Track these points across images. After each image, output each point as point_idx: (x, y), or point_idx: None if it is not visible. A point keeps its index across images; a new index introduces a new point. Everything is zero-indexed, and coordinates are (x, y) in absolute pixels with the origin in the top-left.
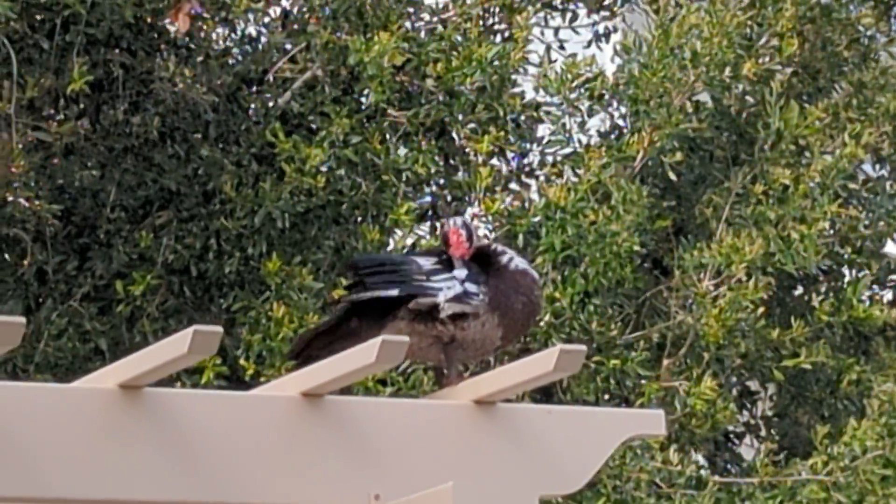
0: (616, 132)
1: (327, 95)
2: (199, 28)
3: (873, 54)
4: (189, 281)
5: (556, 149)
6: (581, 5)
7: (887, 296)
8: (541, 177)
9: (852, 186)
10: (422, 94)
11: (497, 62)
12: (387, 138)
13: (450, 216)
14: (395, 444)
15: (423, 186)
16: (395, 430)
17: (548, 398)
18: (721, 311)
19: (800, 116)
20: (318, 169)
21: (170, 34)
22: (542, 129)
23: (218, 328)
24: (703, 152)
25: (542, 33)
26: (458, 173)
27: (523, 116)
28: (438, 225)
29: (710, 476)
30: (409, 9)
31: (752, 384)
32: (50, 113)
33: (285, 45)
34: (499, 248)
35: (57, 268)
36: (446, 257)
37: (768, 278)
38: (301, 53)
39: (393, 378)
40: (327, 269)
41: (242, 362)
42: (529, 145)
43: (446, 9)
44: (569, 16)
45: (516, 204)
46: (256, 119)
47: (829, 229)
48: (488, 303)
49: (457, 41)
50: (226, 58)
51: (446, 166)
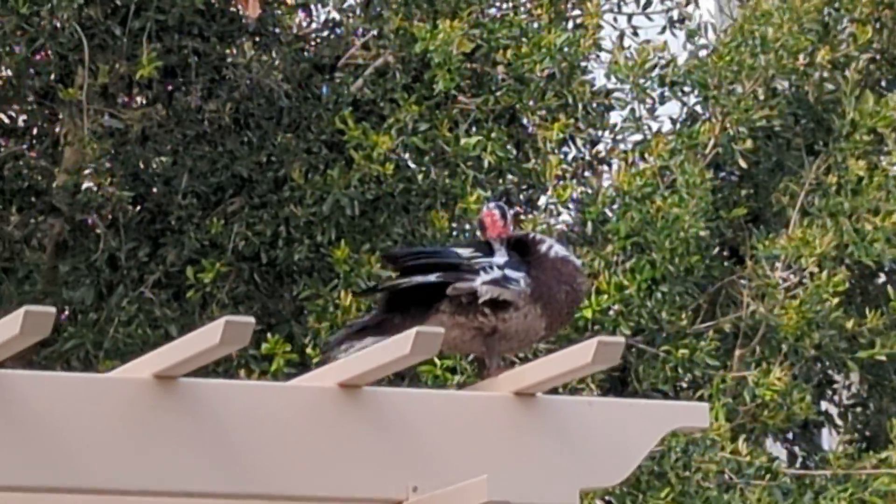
0: (690, 119)
1: (398, 82)
2: (272, 13)
3: None
4: (259, 268)
5: (626, 135)
6: None
7: None
8: (612, 164)
9: None
10: (492, 81)
11: (567, 49)
12: (456, 125)
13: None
14: (434, 436)
15: (494, 175)
16: (434, 421)
17: (623, 386)
18: (801, 303)
19: (876, 105)
20: (388, 156)
21: (241, 20)
22: (614, 116)
23: (250, 319)
24: (781, 140)
25: (615, 19)
26: (529, 161)
27: (594, 104)
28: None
29: (782, 467)
30: None
31: (833, 374)
32: (124, 100)
33: (360, 31)
34: (538, 236)
35: (129, 254)
36: (486, 246)
37: (845, 270)
38: (374, 40)
39: (462, 367)
40: None
41: (309, 350)
42: (600, 132)
43: None
44: (643, 1)
45: (586, 191)
46: (328, 106)
47: None
48: (530, 294)
49: (527, 28)
50: (300, 44)
51: (516, 154)
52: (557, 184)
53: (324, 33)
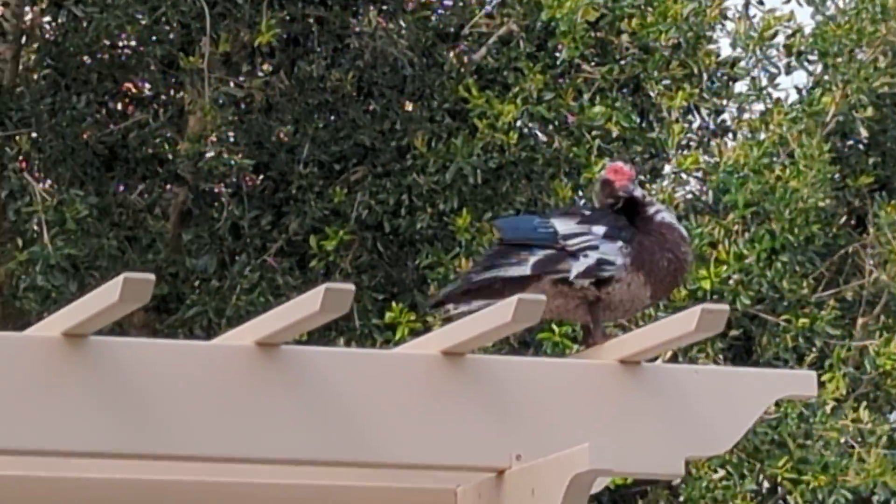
0: (815, 89)
1: (522, 51)
2: None
3: None
4: (382, 237)
5: (750, 104)
6: None
7: None
8: (737, 134)
9: None
10: (616, 50)
11: (693, 19)
12: (580, 94)
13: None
14: (538, 404)
15: (618, 144)
16: (537, 389)
17: (748, 355)
18: None
19: None
20: (511, 125)
21: None
22: (739, 86)
23: (350, 286)
24: None
25: None
26: (653, 130)
27: (719, 73)
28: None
29: None
30: None
31: None
32: (248, 69)
33: None
34: (647, 198)
35: (252, 223)
36: (589, 214)
37: None
38: (498, 8)
39: (579, 335)
40: None
41: (430, 319)
42: (724, 102)
43: None
44: None
45: (709, 161)
46: (451, 74)
47: None
48: (632, 262)
49: None
50: (424, 12)
51: (640, 123)
52: (680, 153)
53: (448, 2)
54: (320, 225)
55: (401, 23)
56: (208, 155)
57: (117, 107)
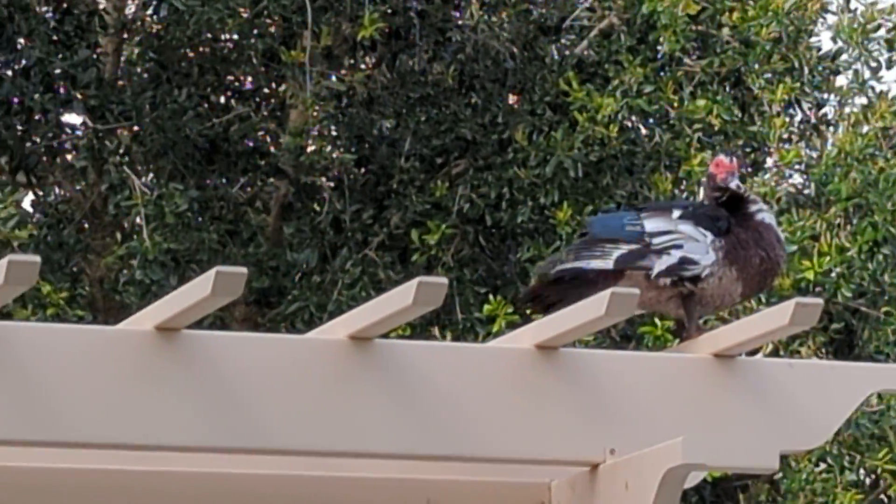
0: None
1: (622, 44)
2: None
3: None
4: (484, 230)
5: (852, 98)
6: None
7: None
8: (838, 127)
9: None
10: (717, 43)
11: (794, 13)
12: (681, 88)
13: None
14: (632, 398)
15: (719, 137)
16: (631, 383)
17: (849, 349)
18: None
19: None
20: (612, 118)
21: None
22: (840, 79)
23: (443, 280)
24: None
25: None
26: (754, 124)
27: (820, 66)
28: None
29: None
30: None
31: None
32: (349, 62)
33: None
34: (752, 196)
35: (353, 216)
36: (681, 212)
37: None
38: (599, 1)
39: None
40: None
41: (529, 312)
42: (826, 95)
43: None
44: None
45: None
46: (552, 68)
47: None
48: (724, 256)
49: None
50: (525, 6)
51: (741, 116)
52: (782, 146)
53: None
54: (422, 219)
55: (502, 16)
56: (310, 149)
57: (219, 100)
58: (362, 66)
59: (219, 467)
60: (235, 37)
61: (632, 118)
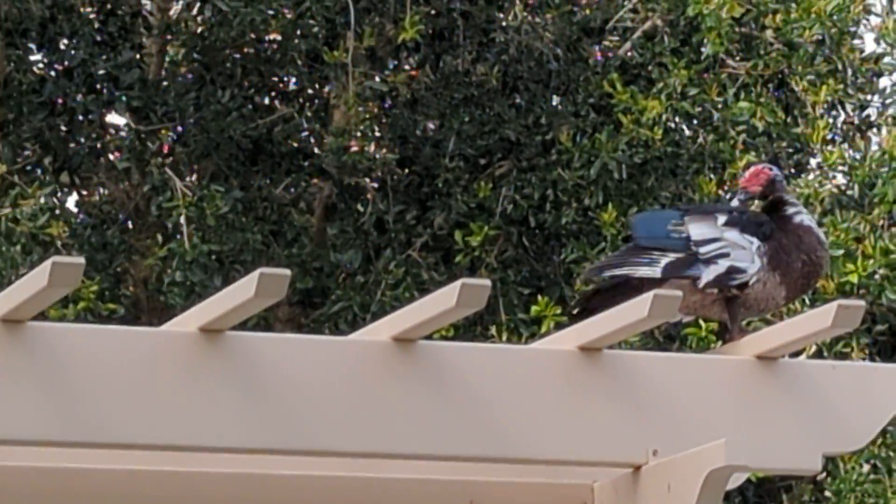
0: None
1: (666, 46)
2: None
3: None
4: (527, 231)
5: (895, 99)
6: None
7: None
8: (881, 129)
9: None
10: (761, 45)
11: (836, 15)
12: (725, 90)
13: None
14: (674, 400)
15: (763, 139)
16: (674, 384)
17: (893, 350)
18: None
19: None
20: (656, 120)
21: None
22: (884, 81)
23: (486, 282)
24: None
25: None
26: (798, 125)
27: (863, 68)
28: None
29: None
30: None
31: None
32: (392, 63)
33: None
34: (789, 198)
35: (396, 217)
36: (726, 218)
37: None
38: (642, 3)
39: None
40: None
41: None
42: (869, 97)
43: None
44: None
45: (854, 156)
46: (596, 69)
47: None
48: (769, 261)
49: None
50: (569, 7)
51: (785, 118)
52: (825, 148)
53: None
54: (465, 220)
55: (546, 17)
56: (353, 149)
57: (262, 101)
58: (405, 67)
59: (261, 468)
60: (279, 37)
61: (676, 120)
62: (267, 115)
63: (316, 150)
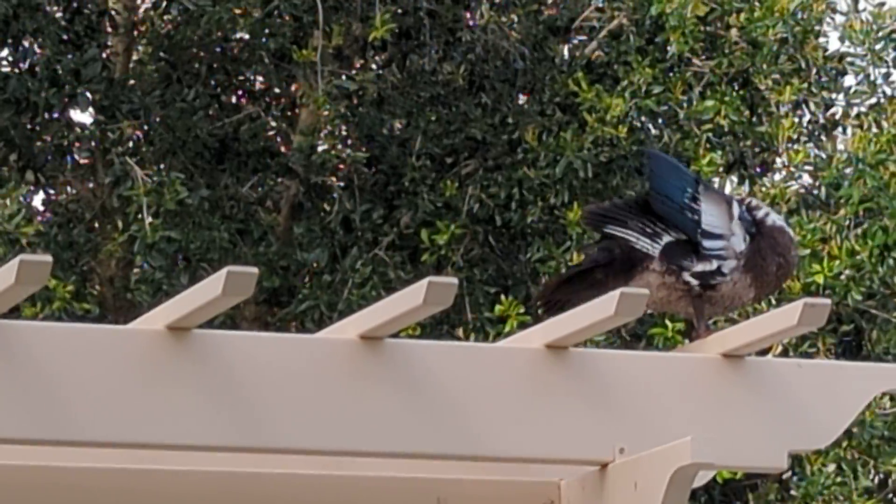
0: None
1: (631, 45)
2: None
3: None
4: (494, 230)
5: (861, 100)
6: None
7: None
8: (846, 128)
9: None
10: (725, 44)
11: (800, 14)
12: (690, 88)
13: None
14: (641, 398)
15: (728, 137)
16: (640, 383)
17: (858, 350)
18: None
19: None
20: (621, 119)
21: None
22: (849, 80)
23: (453, 280)
24: None
25: None
26: (762, 124)
27: (828, 67)
28: None
29: None
30: None
31: None
32: (360, 62)
33: None
34: (755, 202)
35: (363, 216)
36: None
37: None
38: (608, 2)
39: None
40: None
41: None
42: (833, 96)
43: None
44: None
45: (820, 155)
46: (562, 68)
47: None
48: (744, 264)
49: None
50: (535, 6)
51: (750, 117)
52: (790, 147)
53: None
54: (432, 218)
55: (512, 16)
56: (320, 148)
57: (229, 100)
58: (373, 66)
59: (226, 466)
60: (246, 36)
61: (641, 119)
62: (234, 114)
63: (283, 149)
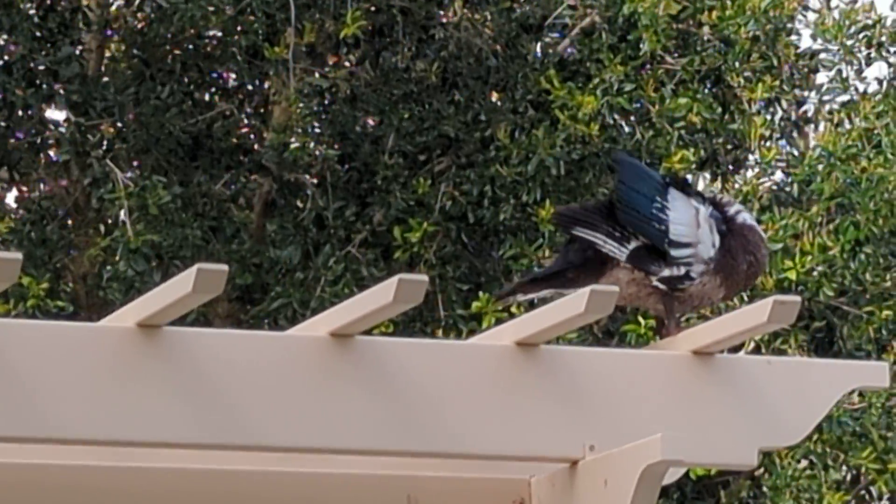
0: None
1: (604, 42)
2: None
3: None
4: (466, 228)
5: (833, 96)
6: None
7: None
8: (820, 125)
9: None
10: (697, 42)
11: (771, 12)
12: (662, 86)
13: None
14: (611, 395)
15: (700, 135)
16: (611, 380)
17: (829, 346)
18: None
19: None
20: (593, 116)
21: None
22: (821, 77)
23: (423, 277)
24: None
25: None
26: (734, 122)
27: (800, 64)
28: None
29: None
30: None
31: None
32: (333, 59)
33: None
34: (725, 198)
35: (336, 213)
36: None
37: None
38: (580, 0)
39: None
40: None
41: (514, 310)
42: (806, 93)
43: None
44: None
45: (792, 152)
46: (534, 66)
47: None
48: (714, 265)
49: None
50: (508, 4)
51: (722, 114)
52: (763, 144)
53: None
54: (404, 216)
55: (485, 14)
56: (293, 145)
57: (202, 97)
58: (346, 64)
59: (199, 464)
60: (219, 34)
61: (613, 116)
62: (207, 111)
63: (256, 146)
